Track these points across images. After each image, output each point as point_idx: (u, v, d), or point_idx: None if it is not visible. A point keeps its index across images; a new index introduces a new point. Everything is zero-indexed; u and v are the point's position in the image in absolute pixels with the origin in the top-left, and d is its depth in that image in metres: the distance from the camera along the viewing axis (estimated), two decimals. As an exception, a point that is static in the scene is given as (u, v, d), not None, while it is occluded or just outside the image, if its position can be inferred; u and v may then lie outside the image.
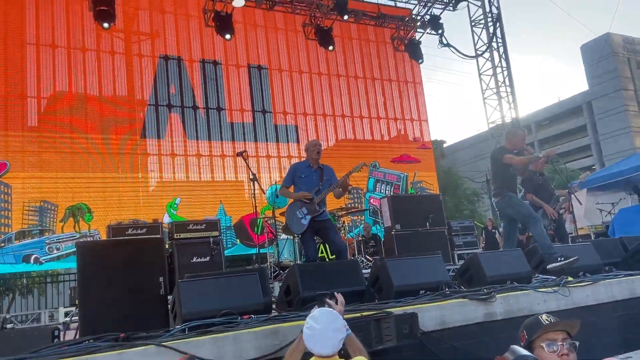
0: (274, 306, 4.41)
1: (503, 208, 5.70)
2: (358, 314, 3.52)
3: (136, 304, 3.66)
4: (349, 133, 13.80)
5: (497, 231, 13.66)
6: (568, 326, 2.14)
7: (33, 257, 9.46)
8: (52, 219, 9.79)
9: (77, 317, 4.07)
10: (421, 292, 4.31)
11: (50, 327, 3.15)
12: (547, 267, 5.03)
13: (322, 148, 5.94)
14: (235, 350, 3.09)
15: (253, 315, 3.58)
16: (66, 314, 6.41)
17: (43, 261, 9.56)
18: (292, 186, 5.65)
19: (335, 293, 2.83)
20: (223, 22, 11.51)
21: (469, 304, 3.99)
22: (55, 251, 9.62)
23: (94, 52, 10.92)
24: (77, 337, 3.49)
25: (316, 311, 2.65)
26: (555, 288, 4.34)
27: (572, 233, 7.91)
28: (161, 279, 3.72)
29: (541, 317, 2.16)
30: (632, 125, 44.89)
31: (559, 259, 5.00)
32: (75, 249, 9.41)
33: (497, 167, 5.78)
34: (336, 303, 3.00)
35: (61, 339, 3.32)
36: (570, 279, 4.70)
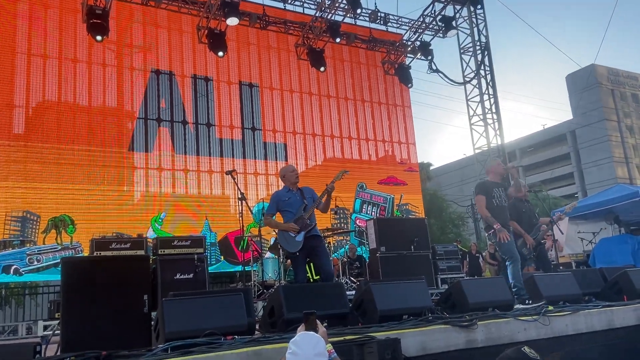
0: (257, 327, 4.40)
1: (494, 242, 5.80)
2: (341, 338, 3.54)
3: (119, 322, 3.63)
4: (337, 152, 13.91)
5: (480, 256, 13.77)
6: (552, 358, 2.19)
7: (13, 267, 9.29)
8: (34, 230, 9.66)
9: (58, 331, 4.01)
10: (404, 316, 4.34)
11: (33, 343, 3.11)
12: None
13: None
14: (217, 372, 3.08)
15: (236, 336, 3.57)
16: (45, 328, 6.31)
17: (23, 272, 9.40)
18: (277, 214, 5.67)
19: (318, 322, 2.83)
20: (216, 40, 11.59)
21: (451, 330, 4.02)
22: (35, 262, 9.47)
23: (85, 63, 10.91)
24: (58, 353, 3.45)
25: (298, 336, 2.66)
26: (536, 317, 4.39)
27: (554, 261, 8.02)
28: (145, 297, 3.70)
29: (524, 350, 2.19)
30: (615, 155, 45.84)
31: (527, 301, 5.09)
32: (56, 261, 9.39)
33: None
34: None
35: (42, 355, 3.28)
36: (550, 307, 4.76)
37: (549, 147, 51.63)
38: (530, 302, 5.06)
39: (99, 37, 10.11)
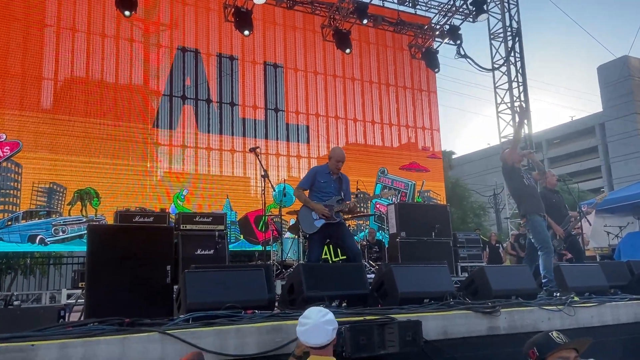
0: (276, 303, 4.41)
1: (528, 230, 5.74)
2: (361, 318, 3.51)
3: (142, 290, 3.67)
4: (359, 137, 13.80)
5: (500, 246, 13.59)
6: (580, 344, 2.13)
7: (39, 237, 9.51)
8: (59, 201, 9.85)
9: (81, 299, 4.08)
10: (425, 300, 4.29)
11: (57, 307, 3.16)
12: None
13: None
14: (237, 344, 3.09)
15: (257, 311, 3.58)
16: (69, 296, 6.43)
17: (48, 242, 9.62)
18: (309, 190, 5.61)
19: None
20: (243, 18, 11.54)
21: (473, 316, 3.96)
22: (61, 233, 9.67)
23: (113, 38, 10.98)
24: (82, 318, 3.50)
25: (306, 310, 2.65)
26: (561, 307, 4.30)
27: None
28: (168, 267, 3.73)
29: (552, 334, 2.14)
30: (644, 149, 44.53)
31: (556, 294, 5.00)
32: (80, 233, 9.57)
33: (512, 186, 5.79)
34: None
35: (66, 320, 3.33)
36: (576, 298, 4.66)
37: (576, 139, 50.43)
38: (559, 294, 4.95)
39: (127, 12, 10.15)
